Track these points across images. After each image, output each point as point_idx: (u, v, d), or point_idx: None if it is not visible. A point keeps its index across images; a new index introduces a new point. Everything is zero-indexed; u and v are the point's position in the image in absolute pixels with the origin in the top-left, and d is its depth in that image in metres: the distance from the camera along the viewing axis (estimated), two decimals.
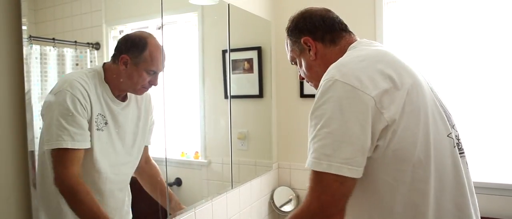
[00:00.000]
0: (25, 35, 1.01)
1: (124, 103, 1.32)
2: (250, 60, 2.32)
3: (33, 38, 1.07)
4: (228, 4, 2.03)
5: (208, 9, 1.97)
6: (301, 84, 2.49)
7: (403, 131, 0.88)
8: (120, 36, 1.36)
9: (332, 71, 0.92)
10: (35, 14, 1.09)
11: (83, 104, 1.12)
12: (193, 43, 1.90)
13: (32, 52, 1.08)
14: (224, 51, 2.06)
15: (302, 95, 2.50)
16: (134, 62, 1.23)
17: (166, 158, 1.57)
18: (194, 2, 1.85)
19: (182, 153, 1.88)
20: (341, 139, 0.85)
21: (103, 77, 1.22)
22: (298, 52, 1.17)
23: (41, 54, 1.15)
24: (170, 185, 1.67)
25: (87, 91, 1.14)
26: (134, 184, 1.48)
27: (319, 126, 0.87)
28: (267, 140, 2.52)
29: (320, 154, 0.86)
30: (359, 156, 0.86)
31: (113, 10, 1.37)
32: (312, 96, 2.45)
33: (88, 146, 1.14)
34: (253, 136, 2.33)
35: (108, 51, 1.32)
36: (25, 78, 1.02)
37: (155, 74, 1.30)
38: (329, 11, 1.16)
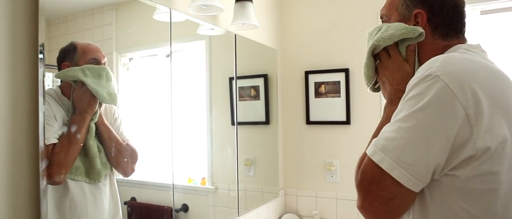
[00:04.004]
0: (40, 63, 1.06)
1: None
2: (256, 88, 2.35)
3: (46, 66, 1.11)
4: (235, 35, 2.08)
5: (216, 39, 2.02)
6: (307, 111, 2.51)
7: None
8: (129, 63, 1.41)
9: (437, 65, 0.78)
10: (48, 43, 1.14)
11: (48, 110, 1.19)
12: (201, 70, 1.94)
13: (44, 80, 1.12)
14: (231, 79, 2.10)
15: (308, 122, 2.51)
16: (74, 63, 1.28)
17: (173, 184, 1.58)
18: (202, 32, 1.90)
19: (189, 178, 1.89)
20: (411, 142, 0.76)
21: (60, 92, 1.27)
22: (398, 17, 0.98)
23: (53, 82, 1.19)
24: (177, 211, 1.67)
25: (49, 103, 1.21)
26: (140, 209, 1.49)
27: (398, 117, 0.79)
28: (273, 167, 2.52)
29: (382, 145, 0.79)
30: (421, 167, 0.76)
31: (123, 39, 1.42)
32: (318, 123, 2.47)
33: (51, 141, 1.20)
34: (259, 163, 2.33)
35: (119, 78, 1.36)
36: (39, 106, 1.07)
37: (98, 63, 1.34)
38: (464, 2, 0.96)
